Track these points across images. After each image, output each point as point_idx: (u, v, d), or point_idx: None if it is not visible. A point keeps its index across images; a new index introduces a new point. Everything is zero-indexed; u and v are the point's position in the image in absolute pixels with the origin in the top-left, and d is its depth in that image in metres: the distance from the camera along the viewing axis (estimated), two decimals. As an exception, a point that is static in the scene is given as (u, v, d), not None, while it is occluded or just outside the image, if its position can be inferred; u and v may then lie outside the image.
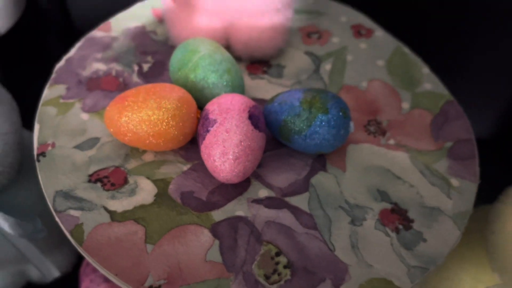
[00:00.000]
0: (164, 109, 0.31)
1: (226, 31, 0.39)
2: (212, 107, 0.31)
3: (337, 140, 0.33)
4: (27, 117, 0.41)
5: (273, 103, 0.34)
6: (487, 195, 0.38)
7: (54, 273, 0.40)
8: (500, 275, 0.35)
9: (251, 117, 0.31)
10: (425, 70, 0.42)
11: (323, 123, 0.32)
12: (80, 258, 0.48)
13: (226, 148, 0.30)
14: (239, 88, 0.35)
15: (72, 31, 0.67)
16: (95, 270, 0.43)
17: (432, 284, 0.40)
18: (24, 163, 0.39)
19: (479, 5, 0.50)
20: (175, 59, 0.35)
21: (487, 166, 0.38)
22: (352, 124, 0.33)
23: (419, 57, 0.43)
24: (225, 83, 0.34)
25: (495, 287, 0.34)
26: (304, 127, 0.32)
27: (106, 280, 0.43)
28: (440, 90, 0.41)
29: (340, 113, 0.32)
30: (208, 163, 0.31)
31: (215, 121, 0.30)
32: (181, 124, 0.31)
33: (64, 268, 0.44)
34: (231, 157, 0.30)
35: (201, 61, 0.34)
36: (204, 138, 0.31)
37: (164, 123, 0.31)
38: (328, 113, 0.32)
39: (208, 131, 0.30)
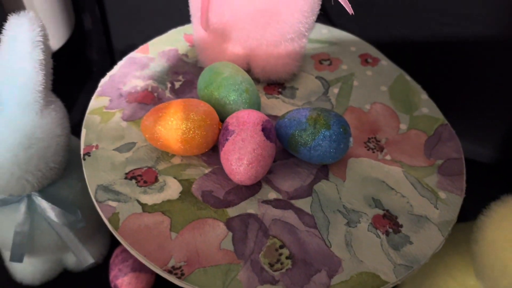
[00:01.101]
0: (191, 120, 0.37)
1: (247, 57, 0.45)
2: (231, 120, 0.37)
3: (337, 153, 0.38)
4: (71, 124, 0.48)
5: (284, 119, 0.39)
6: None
7: (89, 259, 0.45)
8: (481, 281, 0.39)
9: (264, 129, 0.36)
10: (424, 96, 0.47)
11: (326, 138, 0.37)
12: (110, 251, 0.54)
13: (242, 155, 0.35)
14: (255, 105, 0.40)
15: (112, 50, 0.75)
16: (123, 261, 0.49)
17: (426, 286, 0.44)
18: (68, 163, 0.45)
19: (480, 35, 0.54)
20: (202, 79, 0.41)
21: (491, 188, 0.41)
22: (351, 139, 0.38)
23: (420, 84, 0.48)
24: (243, 101, 0.40)
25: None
26: (309, 140, 0.37)
27: (133, 269, 0.48)
28: (435, 114, 0.46)
29: (341, 129, 0.37)
30: (226, 167, 0.37)
31: (233, 131, 0.36)
32: (205, 133, 0.37)
33: (96, 257, 0.50)
34: (245, 162, 0.35)
35: (224, 81, 0.40)
36: (223, 146, 0.36)
37: (191, 132, 0.37)
38: (330, 129, 0.37)
39: (227, 139, 0.36)
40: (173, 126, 0.37)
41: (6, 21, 0.50)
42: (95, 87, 0.45)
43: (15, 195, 0.41)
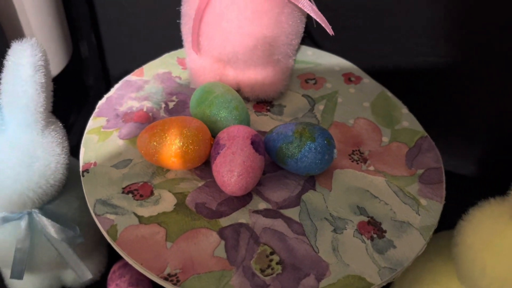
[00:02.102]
0: (184, 136, 0.39)
1: (237, 77, 0.48)
2: (222, 135, 0.39)
3: (323, 163, 0.40)
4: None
5: (272, 133, 0.42)
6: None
7: (88, 275, 0.47)
8: (463, 284, 0.41)
9: (253, 143, 0.39)
10: (405, 110, 0.50)
11: (311, 149, 0.39)
12: (107, 268, 0.55)
13: (232, 167, 0.38)
14: (245, 122, 0.43)
15: (107, 76, 0.78)
16: (120, 276, 0.50)
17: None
18: (67, 182, 0.47)
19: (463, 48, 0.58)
20: (195, 98, 0.44)
21: (473, 198, 0.43)
22: (335, 151, 0.41)
23: (400, 100, 0.51)
24: (234, 117, 0.42)
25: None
26: (296, 152, 0.40)
27: (130, 284, 0.50)
28: (416, 127, 0.48)
29: (325, 141, 0.40)
30: (218, 179, 0.39)
31: (224, 145, 0.38)
32: (197, 148, 0.39)
33: (94, 274, 0.51)
34: (236, 174, 0.37)
35: (215, 100, 0.42)
36: (215, 159, 0.39)
37: (184, 147, 0.39)
38: (315, 141, 0.39)
39: (218, 153, 0.38)
40: (167, 141, 0.39)
41: (8, 48, 0.53)
42: (92, 111, 0.48)
43: (16, 212, 0.43)
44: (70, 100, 0.41)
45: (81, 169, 0.42)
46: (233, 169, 0.38)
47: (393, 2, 0.57)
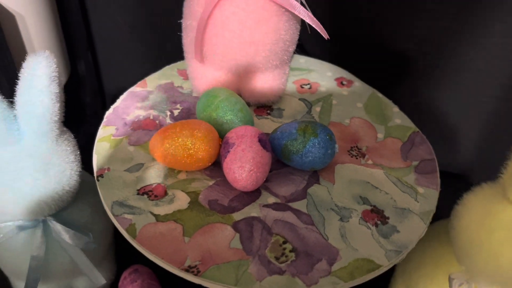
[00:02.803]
0: (195, 137, 0.41)
1: (237, 83, 0.51)
2: (231, 135, 0.42)
3: (326, 158, 0.43)
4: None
5: (276, 132, 0.44)
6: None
7: (102, 280, 0.48)
8: (462, 264, 0.43)
9: (260, 140, 0.41)
10: (396, 109, 0.54)
11: (315, 145, 0.42)
12: (117, 275, 0.56)
13: (243, 163, 0.40)
14: (249, 123, 0.45)
15: (103, 94, 0.80)
16: (131, 282, 0.52)
17: (414, 281, 0.48)
18: (78, 191, 0.48)
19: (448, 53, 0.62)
20: (201, 102, 0.46)
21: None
22: (337, 146, 0.43)
23: (390, 99, 0.55)
24: (239, 119, 0.45)
25: (457, 274, 0.43)
26: (300, 148, 0.42)
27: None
28: (407, 124, 0.52)
29: (327, 137, 0.42)
30: (229, 176, 0.41)
31: (233, 144, 0.41)
32: (208, 148, 0.42)
33: (107, 279, 0.52)
34: (247, 169, 0.40)
35: (221, 103, 0.45)
36: (226, 157, 0.41)
37: (196, 147, 0.41)
38: (318, 137, 0.42)
39: (228, 151, 0.41)
40: (180, 142, 0.41)
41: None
42: (90, 127, 0.50)
43: (33, 219, 0.44)
44: (68, 118, 0.43)
45: (95, 175, 0.43)
46: (243, 165, 0.40)
47: (374, 11, 0.61)
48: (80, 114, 0.76)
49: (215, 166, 0.45)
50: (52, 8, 0.61)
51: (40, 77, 0.40)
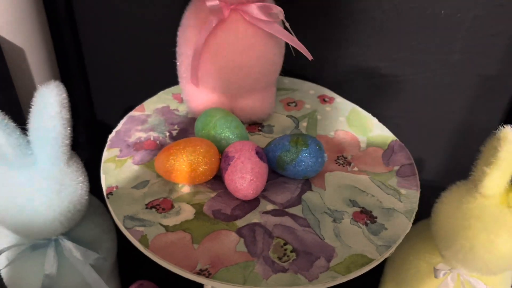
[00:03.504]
0: (198, 152, 0.45)
1: (230, 103, 0.55)
2: (230, 149, 0.46)
3: (317, 166, 0.47)
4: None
5: (270, 145, 0.49)
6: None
7: (110, 295, 0.50)
8: (444, 254, 0.48)
9: (257, 153, 0.45)
10: (375, 121, 0.59)
11: (306, 154, 0.46)
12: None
13: (243, 174, 0.44)
14: (245, 138, 0.50)
15: (95, 122, 0.83)
16: (138, 296, 0.54)
17: (401, 277, 0.52)
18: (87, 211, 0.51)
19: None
20: (199, 122, 0.50)
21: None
22: (325, 155, 0.48)
23: (369, 113, 0.60)
24: (235, 136, 0.49)
25: (441, 265, 0.47)
26: (294, 158, 0.47)
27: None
28: (386, 133, 0.57)
29: (317, 147, 0.47)
30: (231, 186, 0.45)
31: (233, 157, 0.45)
32: (209, 162, 0.46)
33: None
34: (247, 179, 0.44)
35: (218, 122, 0.49)
36: (227, 170, 0.45)
37: (199, 161, 0.45)
38: (309, 147, 0.47)
39: (229, 164, 0.45)
40: (184, 158, 0.45)
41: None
42: (83, 153, 0.53)
43: (46, 238, 0.47)
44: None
45: (105, 193, 0.46)
46: (244, 176, 0.44)
47: (347, 34, 0.67)
48: (74, 140, 0.78)
49: (216, 180, 0.49)
50: (48, 41, 0.65)
51: (53, 104, 0.43)
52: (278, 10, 0.48)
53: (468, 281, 0.47)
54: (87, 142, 0.80)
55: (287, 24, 0.50)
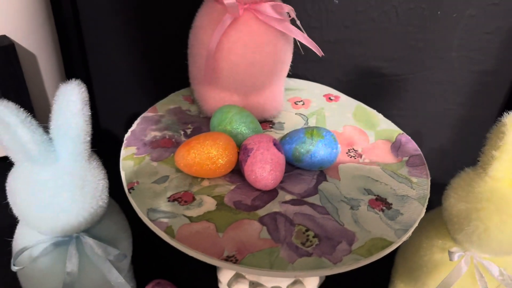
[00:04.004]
0: (218, 146, 0.46)
1: (242, 101, 0.57)
2: (248, 141, 0.47)
3: (331, 156, 0.49)
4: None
5: (286, 138, 0.50)
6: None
7: (130, 292, 0.50)
8: (455, 238, 0.49)
9: (275, 144, 0.47)
10: (380, 116, 0.61)
11: (322, 145, 0.48)
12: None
13: (263, 164, 0.45)
14: (260, 132, 0.51)
15: (99, 129, 0.83)
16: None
17: (414, 265, 0.53)
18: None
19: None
20: (215, 118, 0.52)
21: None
22: (339, 146, 0.50)
23: (375, 109, 0.62)
24: (251, 130, 0.50)
25: (455, 248, 0.49)
26: (310, 149, 0.48)
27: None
28: (393, 128, 0.59)
29: (332, 138, 0.49)
30: (251, 177, 0.46)
31: (252, 149, 0.46)
32: (229, 155, 0.47)
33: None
34: (267, 168, 0.45)
35: (234, 117, 0.51)
36: (246, 161, 0.46)
37: (219, 154, 0.46)
38: (324, 138, 0.48)
39: (248, 155, 0.46)
40: (204, 151, 0.46)
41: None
42: None
43: (69, 234, 0.47)
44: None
45: (126, 188, 0.47)
46: (264, 166, 0.45)
47: (349, 36, 0.69)
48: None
49: (233, 173, 0.50)
50: (57, 48, 0.66)
51: (75, 102, 0.44)
52: (289, 9, 0.50)
53: (481, 264, 0.48)
54: (92, 147, 0.80)
55: (298, 22, 0.52)
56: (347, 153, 0.54)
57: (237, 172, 0.50)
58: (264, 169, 0.45)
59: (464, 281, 0.49)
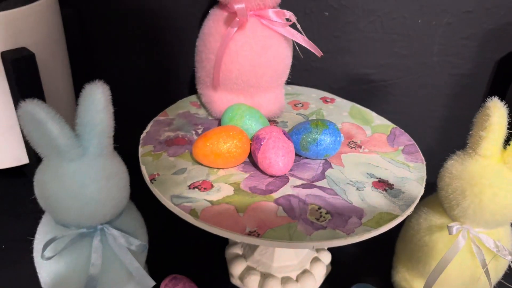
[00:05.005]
0: (233, 137, 0.50)
1: (248, 101, 0.61)
2: (260, 132, 0.52)
3: (336, 144, 0.53)
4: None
5: (293, 130, 0.54)
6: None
7: (152, 283, 0.52)
8: (451, 216, 0.54)
9: (284, 134, 0.51)
10: (374, 114, 0.66)
11: (327, 134, 0.53)
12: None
13: (276, 150, 0.49)
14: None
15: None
16: (173, 286, 0.56)
17: (415, 244, 0.57)
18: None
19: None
20: (226, 116, 0.56)
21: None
22: (342, 135, 0.54)
23: (368, 108, 0.67)
24: (260, 124, 0.55)
25: (453, 223, 0.53)
26: (316, 138, 0.53)
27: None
28: (387, 123, 0.64)
29: (335, 127, 0.53)
30: (264, 164, 0.50)
31: (264, 138, 0.50)
32: (243, 145, 0.51)
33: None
34: (280, 155, 0.49)
35: (244, 113, 0.55)
36: (259, 150, 0.50)
37: (234, 145, 0.50)
38: (328, 128, 0.53)
39: (261, 144, 0.50)
40: (221, 142, 0.50)
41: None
42: None
43: (94, 225, 0.49)
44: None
45: (148, 179, 0.50)
46: (277, 152, 0.49)
47: (340, 45, 0.75)
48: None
49: (246, 164, 0.54)
50: (67, 63, 0.70)
51: (100, 99, 0.48)
52: (290, 14, 0.56)
53: (477, 237, 0.53)
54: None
55: (298, 26, 0.57)
56: (347, 145, 0.59)
57: (249, 164, 0.54)
58: (277, 154, 0.49)
59: (462, 256, 0.53)
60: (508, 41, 0.73)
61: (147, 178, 0.51)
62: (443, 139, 0.82)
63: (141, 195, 0.55)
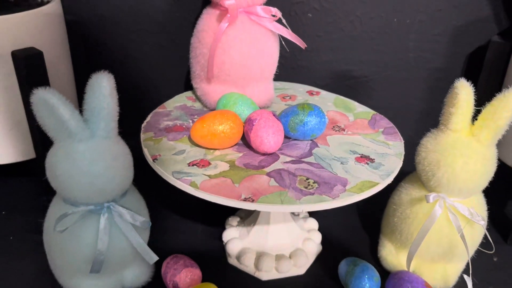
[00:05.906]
0: (228, 119, 0.56)
1: (240, 92, 0.66)
2: (252, 115, 0.57)
3: (321, 125, 0.58)
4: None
5: (282, 113, 0.60)
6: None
7: (155, 257, 0.56)
8: (428, 187, 0.59)
9: (274, 115, 0.56)
10: (356, 104, 0.72)
11: (312, 115, 0.58)
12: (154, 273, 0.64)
13: (267, 129, 0.54)
14: (259, 112, 0.61)
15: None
16: (175, 263, 0.60)
17: (398, 217, 0.62)
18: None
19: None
20: (220, 103, 0.61)
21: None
22: (326, 117, 0.60)
23: (351, 99, 0.73)
24: (252, 109, 0.60)
25: (430, 193, 0.58)
26: (303, 119, 0.58)
27: (185, 266, 0.60)
28: (368, 110, 0.70)
29: (320, 110, 0.59)
30: (256, 142, 0.55)
31: (256, 119, 0.56)
32: (237, 127, 0.56)
33: (148, 276, 0.61)
34: (271, 133, 0.54)
35: (237, 100, 0.60)
36: (251, 130, 0.55)
37: (228, 126, 0.55)
38: (314, 110, 0.58)
39: (253, 125, 0.55)
40: (217, 124, 0.55)
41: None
42: None
43: (101, 202, 0.53)
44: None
45: (151, 159, 0.55)
46: (268, 130, 0.55)
47: (327, 44, 0.81)
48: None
49: (240, 146, 0.59)
50: (68, 59, 0.75)
51: (106, 86, 0.53)
52: (275, 10, 0.62)
53: (453, 206, 0.58)
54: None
55: (284, 21, 0.63)
56: (332, 128, 0.64)
57: (243, 145, 0.59)
58: (268, 133, 0.54)
59: (440, 224, 0.58)
60: (476, 36, 0.80)
61: (149, 158, 0.56)
62: (422, 129, 0.88)
63: (141, 193, 0.59)
